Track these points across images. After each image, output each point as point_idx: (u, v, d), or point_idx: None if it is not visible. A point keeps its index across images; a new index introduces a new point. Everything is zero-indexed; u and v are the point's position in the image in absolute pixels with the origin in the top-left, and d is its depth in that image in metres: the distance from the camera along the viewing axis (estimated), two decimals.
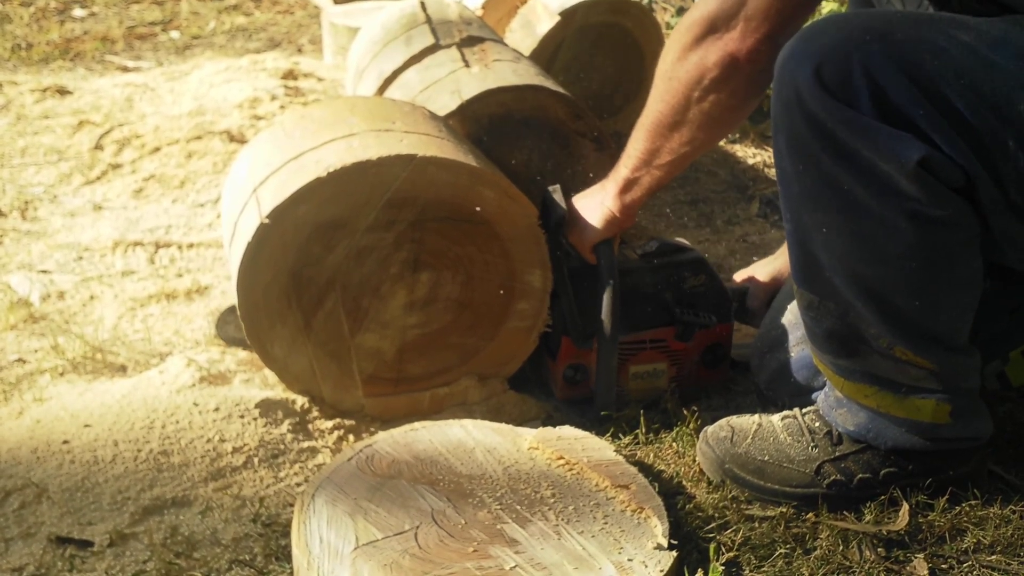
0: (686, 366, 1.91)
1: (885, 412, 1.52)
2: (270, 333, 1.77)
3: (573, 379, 1.89)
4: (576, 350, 1.87)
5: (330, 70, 3.92)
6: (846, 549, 1.48)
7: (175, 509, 1.61)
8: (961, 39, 1.35)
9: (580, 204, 1.83)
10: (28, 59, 4.48)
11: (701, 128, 1.60)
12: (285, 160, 1.80)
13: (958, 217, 1.39)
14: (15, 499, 1.61)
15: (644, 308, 1.88)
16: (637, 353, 1.89)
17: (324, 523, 1.37)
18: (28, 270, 2.47)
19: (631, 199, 1.74)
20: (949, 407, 1.51)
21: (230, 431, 1.75)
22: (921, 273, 1.42)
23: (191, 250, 2.57)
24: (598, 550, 1.33)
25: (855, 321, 1.48)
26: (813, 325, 1.53)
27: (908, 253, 1.40)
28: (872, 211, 1.39)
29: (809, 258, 1.48)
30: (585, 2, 2.95)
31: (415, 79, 2.33)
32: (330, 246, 1.74)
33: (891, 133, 1.34)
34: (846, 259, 1.44)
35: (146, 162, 3.07)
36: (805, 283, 1.51)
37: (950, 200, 1.37)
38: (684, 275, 1.90)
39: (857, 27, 1.38)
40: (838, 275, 1.45)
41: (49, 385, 1.97)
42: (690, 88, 1.56)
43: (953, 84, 1.33)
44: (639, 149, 1.68)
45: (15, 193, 2.92)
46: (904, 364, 1.48)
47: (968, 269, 1.45)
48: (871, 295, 1.45)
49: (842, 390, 1.55)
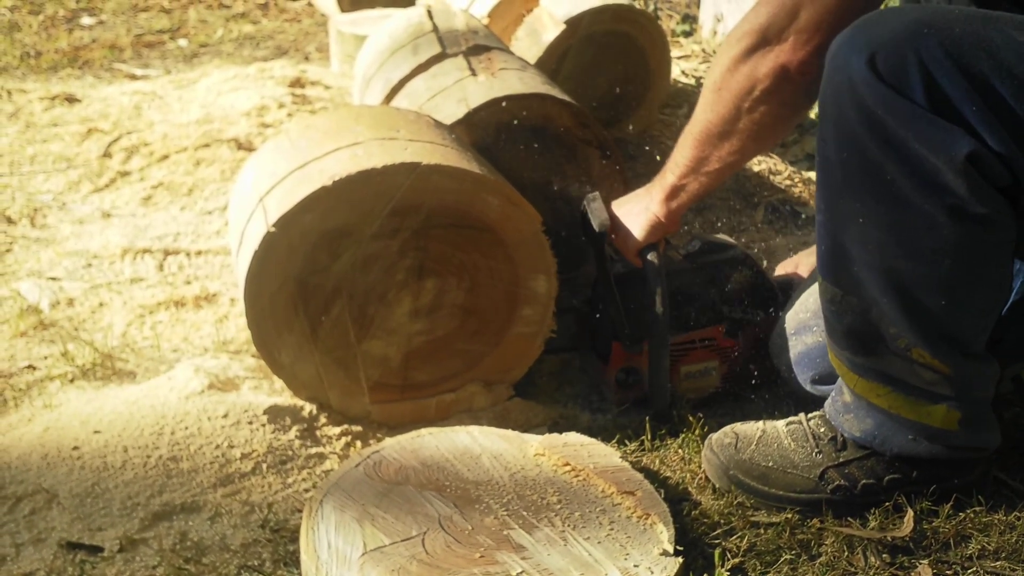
0: (737, 362, 1.92)
1: (896, 413, 1.53)
2: (277, 341, 1.78)
3: (626, 383, 1.91)
4: (627, 354, 1.88)
5: (337, 78, 3.94)
6: (851, 555, 1.49)
7: (184, 515, 1.62)
8: (1018, 39, 1.35)
9: (623, 210, 1.84)
10: (37, 67, 4.50)
11: (751, 138, 1.62)
12: (291, 169, 1.82)
13: (998, 217, 1.39)
14: (26, 505, 1.62)
15: (691, 308, 1.90)
16: (688, 353, 1.90)
17: (332, 529, 1.38)
18: (37, 277, 2.49)
19: (677, 205, 1.76)
20: (959, 415, 1.51)
21: (239, 437, 1.76)
22: (953, 271, 1.42)
23: (199, 257, 2.58)
24: (604, 556, 1.34)
25: (876, 319, 1.48)
26: (834, 320, 1.53)
27: (943, 249, 1.41)
28: (913, 203, 1.39)
29: (839, 250, 1.48)
30: (591, 10, 2.96)
31: (422, 87, 2.35)
32: (336, 254, 1.76)
33: (942, 126, 1.35)
34: (879, 251, 1.44)
35: (154, 170, 3.09)
36: (831, 276, 1.51)
37: (992, 199, 1.38)
38: (729, 272, 1.91)
39: (914, 20, 1.38)
40: (867, 268, 1.46)
41: (59, 392, 1.98)
42: (740, 99, 1.58)
43: (1007, 82, 1.33)
44: (687, 157, 1.69)
45: (24, 201, 2.94)
46: (920, 367, 1.49)
47: (999, 272, 1.46)
48: (898, 291, 1.45)
49: (855, 388, 1.55)
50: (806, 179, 3.08)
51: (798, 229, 2.72)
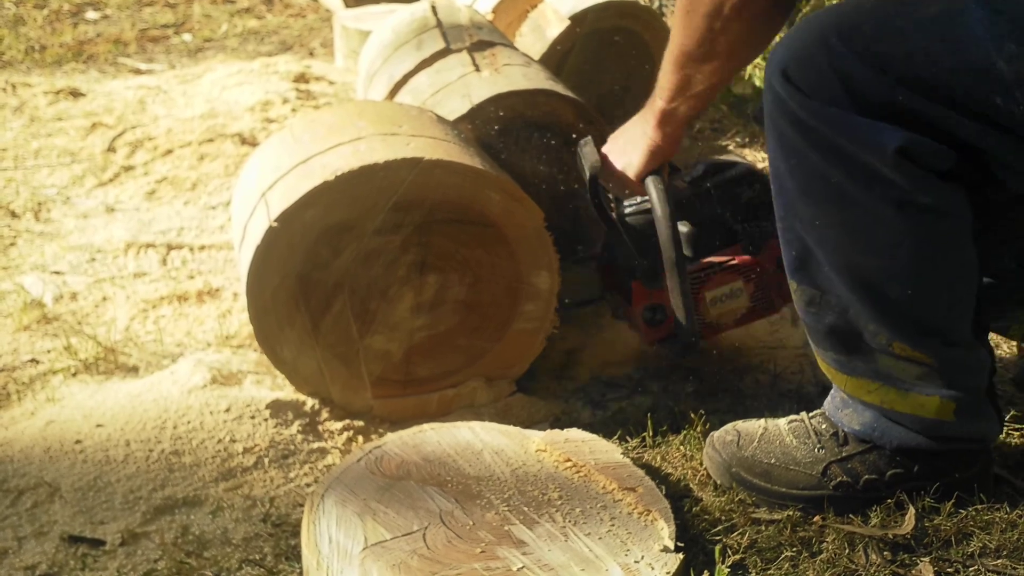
0: (763, 279, 1.89)
1: (889, 408, 1.53)
2: (279, 336, 1.79)
3: (653, 320, 1.87)
4: (648, 291, 1.84)
5: (341, 73, 3.95)
6: (852, 552, 1.49)
7: (186, 509, 1.62)
8: (928, 13, 1.36)
9: (618, 143, 1.83)
10: (42, 61, 4.51)
11: (727, 57, 1.62)
12: (293, 164, 1.82)
13: (945, 205, 1.41)
14: (28, 498, 1.63)
15: (705, 233, 1.86)
16: (709, 278, 1.87)
17: (333, 523, 1.38)
18: (41, 271, 2.49)
19: (671, 128, 1.75)
20: (954, 404, 1.51)
21: (241, 432, 1.77)
22: (911, 262, 1.44)
23: (203, 252, 2.59)
24: (605, 552, 1.34)
25: (855, 317, 1.49)
26: (814, 322, 1.54)
27: (897, 241, 1.43)
28: (860, 201, 1.42)
29: (806, 254, 1.51)
30: (595, 6, 2.96)
31: (426, 83, 2.35)
32: (338, 249, 1.76)
33: (868, 124, 1.38)
34: (840, 251, 1.47)
35: (158, 164, 3.10)
36: (805, 279, 1.53)
37: (935, 187, 1.40)
38: (738, 190, 1.88)
39: (821, 26, 1.42)
40: (834, 269, 1.48)
41: (62, 385, 1.99)
42: (711, 19, 1.58)
43: (924, 63, 1.35)
44: (671, 81, 1.69)
45: (28, 195, 2.95)
46: (903, 360, 1.50)
47: (960, 259, 1.47)
48: (866, 287, 1.47)
49: (845, 388, 1.56)
50: None
51: None
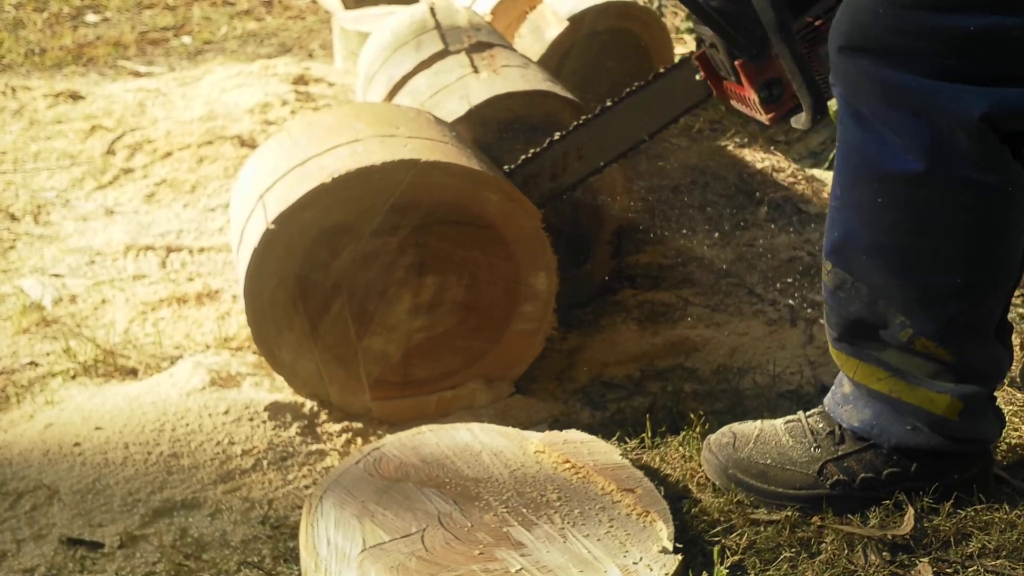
0: None
1: (896, 397, 1.52)
2: (277, 338, 1.79)
3: (771, 96, 1.74)
4: (756, 66, 1.72)
5: (340, 75, 3.95)
6: (851, 553, 1.49)
7: (185, 511, 1.62)
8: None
9: None
10: (41, 64, 4.51)
11: None
12: (291, 166, 1.82)
13: (1014, 187, 1.38)
14: (27, 501, 1.63)
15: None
16: (815, 32, 1.71)
17: (332, 525, 1.38)
18: (41, 274, 2.49)
19: None
20: (962, 404, 1.51)
21: (239, 434, 1.77)
22: (968, 248, 1.42)
23: (202, 254, 2.59)
24: (603, 553, 1.34)
25: (883, 308, 1.47)
26: (838, 307, 1.52)
27: (957, 223, 1.40)
28: (924, 179, 1.38)
29: (852, 236, 1.47)
30: (594, 7, 2.96)
31: (424, 84, 2.35)
32: (336, 251, 1.76)
33: (951, 90, 1.33)
34: (893, 231, 1.43)
35: (158, 167, 3.10)
36: (842, 261, 1.50)
37: (1008, 165, 1.37)
38: None
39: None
40: (880, 252, 1.45)
41: (61, 388, 1.99)
42: None
43: None
44: None
45: (28, 197, 2.95)
46: (920, 357, 1.48)
47: (1015, 251, 1.45)
48: (908, 273, 1.44)
49: (855, 375, 1.55)
50: (809, 176, 3.07)
51: (801, 226, 2.71)
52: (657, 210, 2.75)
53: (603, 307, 2.27)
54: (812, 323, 2.23)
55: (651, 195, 2.75)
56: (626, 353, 2.09)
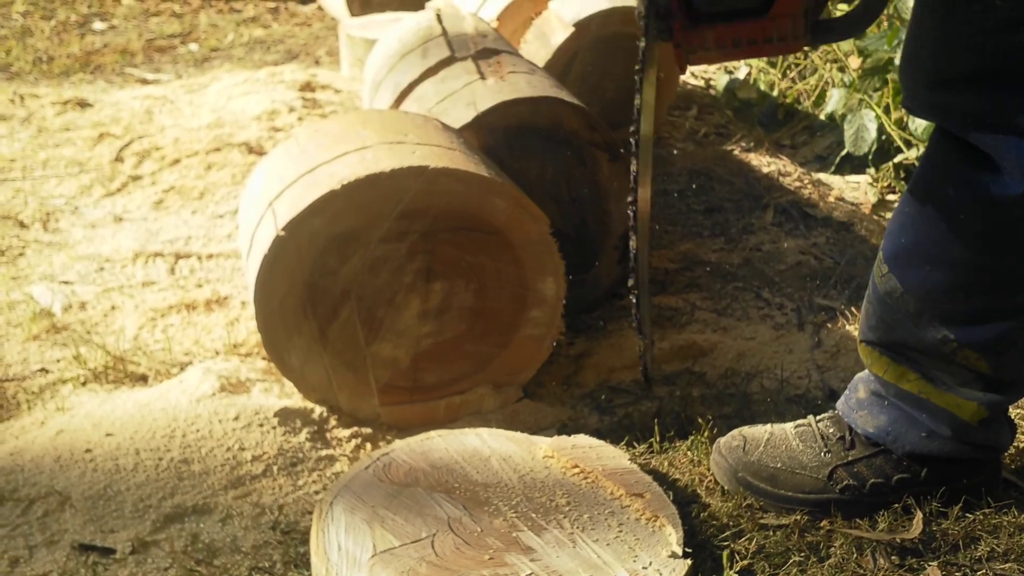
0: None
1: (925, 398, 1.52)
2: (287, 344, 1.80)
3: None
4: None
5: (347, 82, 3.96)
6: (860, 557, 1.49)
7: (196, 517, 1.63)
8: None
9: None
10: (49, 72, 4.53)
11: None
12: (300, 173, 1.83)
13: None
14: (39, 507, 1.64)
15: None
16: None
17: (342, 531, 1.39)
18: (50, 281, 2.50)
19: None
20: (986, 413, 1.51)
21: (249, 440, 1.77)
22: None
23: (210, 261, 2.60)
24: (613, 558, 1.35)
25: (928, 322, 1.47)
26: (882, 311, 1.52)
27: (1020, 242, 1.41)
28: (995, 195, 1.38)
29: (919, 246, 1.47)
30: (599, 13, 2.96)
31: (431, 91, 2.36)
32: (345, 257, 1.77)
33: None
34: (972, 249, 1.43)
35: (166, 174, 3.11)
36: (899, 267, 1.49)
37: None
38: None
39: None
40: (950, 266, 1.44)
41: (71, 395, 2.00)
42: None
43: None
44: None
45: (37, 205, 2.96)
46: (960, 367, 1.49)
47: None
48: (976, 288, 1.44)
49: (885, 374, 1.55)
50: (815, 180, 3.08)
51: (807, 230, 2.72)
52: (662, 215, 2.75)
53: (610, 312, 2.28)
54: (819, 327, 2.23)
55: (657, 200, 2.75)
56: (633, 358, 2.10)
